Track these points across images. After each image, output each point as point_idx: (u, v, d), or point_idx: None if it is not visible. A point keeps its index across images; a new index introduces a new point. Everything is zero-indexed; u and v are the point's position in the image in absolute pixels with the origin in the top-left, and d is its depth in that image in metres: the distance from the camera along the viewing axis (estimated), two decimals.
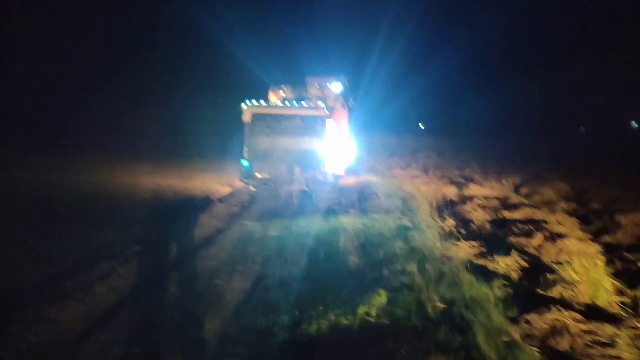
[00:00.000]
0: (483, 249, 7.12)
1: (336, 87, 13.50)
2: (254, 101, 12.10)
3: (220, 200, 11.65)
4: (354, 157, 14.65)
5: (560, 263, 6.04)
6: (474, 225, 8.76)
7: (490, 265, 6.38)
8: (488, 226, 8.69)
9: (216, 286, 5.71)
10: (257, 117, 11.86)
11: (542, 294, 5.37)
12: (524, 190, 13.29)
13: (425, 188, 13.16)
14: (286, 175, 11.91)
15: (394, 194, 11.69)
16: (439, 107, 44.27)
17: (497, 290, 5.29)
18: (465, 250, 7.10)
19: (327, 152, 11.99)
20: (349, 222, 8.63)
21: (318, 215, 9.63)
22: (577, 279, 5.42)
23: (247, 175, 12.12)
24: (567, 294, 5.26)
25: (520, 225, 8.11)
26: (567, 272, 5.57)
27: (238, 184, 12.98)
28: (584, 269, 5.58)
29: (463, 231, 8.46)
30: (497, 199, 11.39)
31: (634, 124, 45.13)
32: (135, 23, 37.14)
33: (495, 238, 7.83)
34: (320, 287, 5.36)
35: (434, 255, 6.09)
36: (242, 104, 11.96)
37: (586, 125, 40.07)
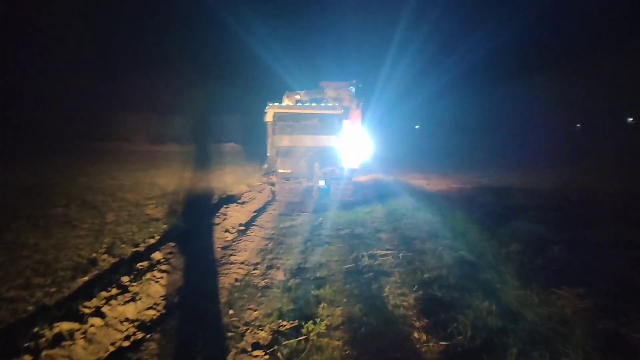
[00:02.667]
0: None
1: (350, 90, 14.43)
2: (275, 103, 12.88)
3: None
4: (368, 154, 15.38)
5: None
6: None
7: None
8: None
9: None
10: (279, 117, 12.51)
11: None
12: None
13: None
14: (306, 171, 12.55)
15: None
16: (441, 108, 45.09)
17: None
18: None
19: (344, 149, 12.75)
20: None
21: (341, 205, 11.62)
22: None
23: (269, 171, 12.86)
24: None
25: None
26: None
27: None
28: None
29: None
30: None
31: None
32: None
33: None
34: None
35: None
36: (266, 106, 12.70)
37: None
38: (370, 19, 47.42)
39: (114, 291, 5.64)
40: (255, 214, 11.10)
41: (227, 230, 9.15)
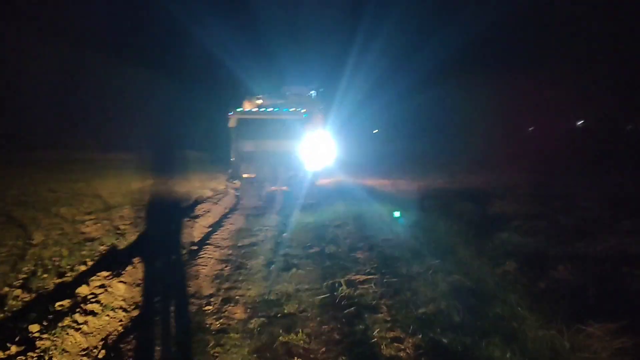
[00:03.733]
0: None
1: (311, 94, 14.64)
2: (239, 109, 12.78)
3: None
4: (331, 158, 15.58)
5: None
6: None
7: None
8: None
9: None
10: (242, 123, 12.36)
11: None
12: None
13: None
14: (270, 175, 12.49)
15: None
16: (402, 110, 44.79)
17: None
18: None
19: (307, 153, 12.70)
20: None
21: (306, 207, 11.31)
22: None
23: (234, 176, 12.65)
24: None
25: None
26: None
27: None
28: None
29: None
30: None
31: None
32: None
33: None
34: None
35: None
36: (230, 112, 12.50)
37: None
38: (329, 24, 46.69)
39: (14, 349, 4.17)
40: (210, 229, 9.65)
41: (176, 252, 7.71)
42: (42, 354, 4.15)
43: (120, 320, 5.08)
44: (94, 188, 14.85)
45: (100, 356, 4.35)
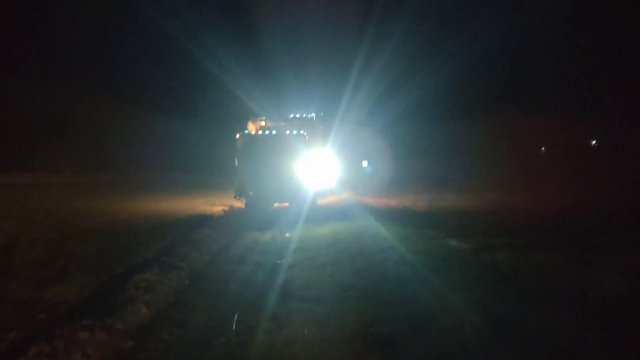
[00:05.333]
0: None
1: (313, 116, 15.72)
2: (245, 132, 13.74)
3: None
4: (333, 177, 16.49)
5: None
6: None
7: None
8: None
9: None
10: (247, 143, 13.42)
11: None
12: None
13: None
14: (273, 194, 13.51)
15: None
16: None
17: None
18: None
19: (309, 172, 13.58)
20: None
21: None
22: None
23: (241, 193, 13.58)
24: None
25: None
26: None
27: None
28: None
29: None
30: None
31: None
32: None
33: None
34: None
35: None
36: (237, 134, 13.51)
37: None
38: (328, 50, 46.83)
39: None
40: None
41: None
42: None
43: None
44: None
45: None
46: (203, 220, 11.59)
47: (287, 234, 10.26)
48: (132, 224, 11.04)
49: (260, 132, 14.08)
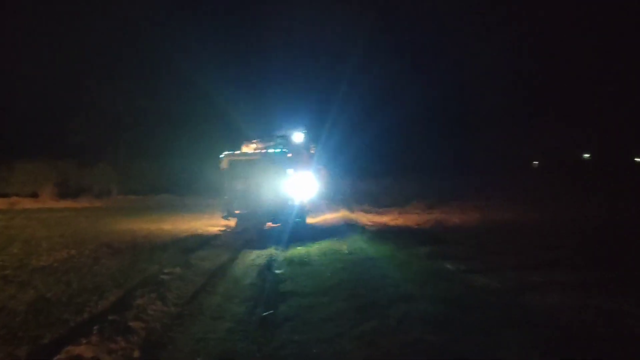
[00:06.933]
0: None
1: (298, 137, 16.34)
2: (229, 152, 14.13)
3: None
4: (317, 194, 17.23)
5: None
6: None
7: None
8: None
9: None
10: (233, 164, 13.76)
11: None
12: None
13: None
14: (260, 212, 13.64)
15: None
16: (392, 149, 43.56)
17: None
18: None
19: (294, 191, 13.99)
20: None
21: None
22: None
23: (229, 213, 13.93)
24: None
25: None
26: None
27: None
28: None
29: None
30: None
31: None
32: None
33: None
34: None
35: None
36: (221, 155, 13.84)
37: None
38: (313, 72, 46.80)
39: None
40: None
41: None
42: None
43: None
44: None
45: None
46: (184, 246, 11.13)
47: (276, 271, 8.66)
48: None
49: (245, 151, 14.86)
